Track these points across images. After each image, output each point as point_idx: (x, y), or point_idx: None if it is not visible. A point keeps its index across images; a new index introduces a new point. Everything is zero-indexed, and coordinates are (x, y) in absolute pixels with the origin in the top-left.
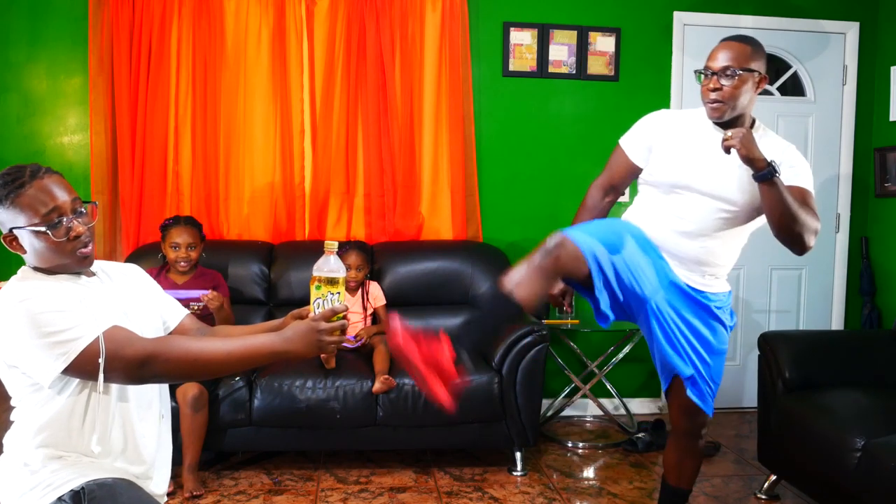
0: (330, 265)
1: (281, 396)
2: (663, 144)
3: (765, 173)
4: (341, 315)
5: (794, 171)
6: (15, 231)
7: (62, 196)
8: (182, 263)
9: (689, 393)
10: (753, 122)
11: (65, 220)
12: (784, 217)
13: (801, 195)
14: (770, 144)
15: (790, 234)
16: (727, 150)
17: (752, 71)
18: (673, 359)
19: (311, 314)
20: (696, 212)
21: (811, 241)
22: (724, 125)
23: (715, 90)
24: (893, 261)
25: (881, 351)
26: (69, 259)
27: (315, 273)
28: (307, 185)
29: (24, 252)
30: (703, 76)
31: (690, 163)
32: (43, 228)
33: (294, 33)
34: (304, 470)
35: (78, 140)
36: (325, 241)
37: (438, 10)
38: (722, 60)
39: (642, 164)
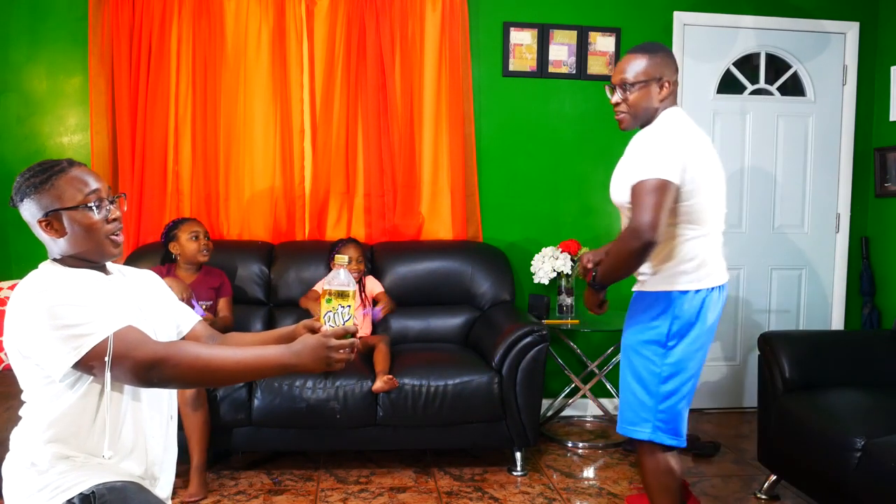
0: (340, 279)
1: (281, 396)
2: None
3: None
4: (351, 334)
5: (629, 169)
6: (58, 212)
7: (98, 182)
8: (204, 252)
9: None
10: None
11: (105, 201)
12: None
13: (633, 195)
14: (635, 141)
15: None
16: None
17: (647, 82)
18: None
19: (323, 328)
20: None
21: (639, 241)
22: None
23: (616, 105)
24: (893, 261)
25: (881, 351)
26: (104, 243)
27: (325, 287)
28: (307, 185)
29: (61, 235)
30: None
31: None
32: (91, 204)
33: (294, 33)
34: (304, 470)
35: (78, 140)
36: (336, 256)
37: (438, 10)
38: (619, 74)
39: None
